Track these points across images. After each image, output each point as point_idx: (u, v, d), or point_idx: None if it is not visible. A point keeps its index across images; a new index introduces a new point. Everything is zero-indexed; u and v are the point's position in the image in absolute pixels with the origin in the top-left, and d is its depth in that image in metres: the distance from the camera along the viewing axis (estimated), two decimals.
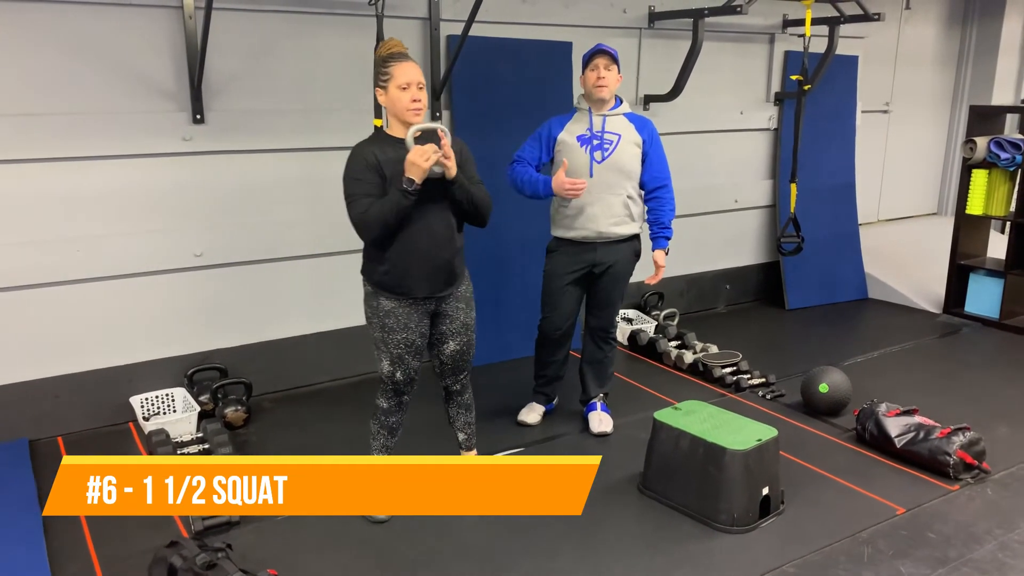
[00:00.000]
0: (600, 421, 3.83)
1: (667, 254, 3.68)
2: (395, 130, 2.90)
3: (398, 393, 3.07)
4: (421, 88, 2.83)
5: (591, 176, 3.55)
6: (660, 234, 3.68)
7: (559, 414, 4.03)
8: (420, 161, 2.71)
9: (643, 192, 3.69)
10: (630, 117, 3.64)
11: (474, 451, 3.38)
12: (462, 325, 3.09)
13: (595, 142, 3.56)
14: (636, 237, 3.72)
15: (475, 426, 3.37)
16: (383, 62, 2.85)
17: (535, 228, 4.08)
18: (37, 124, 3.49)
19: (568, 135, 3.60)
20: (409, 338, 2.97)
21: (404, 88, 2.80)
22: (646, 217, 3.73)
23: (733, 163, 5.80)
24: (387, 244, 2.87)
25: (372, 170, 2.83)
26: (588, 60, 3.56)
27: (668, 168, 3.69)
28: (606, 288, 3.72)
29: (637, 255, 3.75)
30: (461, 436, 3.35)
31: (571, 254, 3.66)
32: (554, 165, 3.65)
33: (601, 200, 3.57)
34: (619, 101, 3.64)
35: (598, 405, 3.89)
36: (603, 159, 3.56)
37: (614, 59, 3.52)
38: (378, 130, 2.98)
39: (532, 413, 3.93)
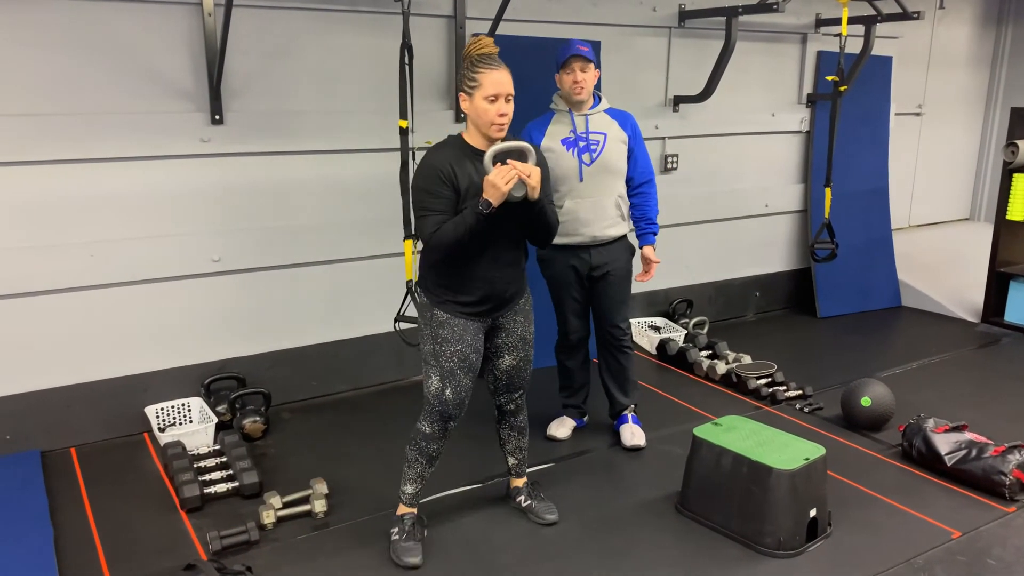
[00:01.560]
0: (632, 434, 3.67)
1: (655, 249, 3.60)
2: (474, 138, 2.67)
3: (444, 418, 2.79)
4: (509, 100, 2.60)
5: (581, 180, 3.41)
6: (648, 230, 3.58)
7: (589, 427, 3.87)
8: (500, 184, 2.49)
9: (628, 188, 3.57)
10: (611, 113, 3.50)
11: (524, 478, 3.17)
12: (519, 339, 2.88)
13: (581, 144, 3.42)
14: (627, 235, 3.60)
15: (527, 451, 3.17)
16: (473, 65, 2.61)
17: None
18: (50, 125, 3.38)
19: (551, 140, 3.44)
20: (463, 351, 2.75)
21: (492, 100, 2.58)
22: (632, 213, 3.60)
23: (764, 166, 5.64)
24: (450, 262, 2.67)
25: (447, 183, 2.59)
26: (563, 62, 3.39)
27: (651, 162, 3.59)
28: (607, 291, 3.57)
29: (632, 253, 3.62)
30: (511, 461, 3.14)
31: (566, 258, 3.52)
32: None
33: (594, 203, 3.44)
34: (598, 99, 3.51)
35: (629, 417, 3.73)
36: (592, 161, 3.41)
37: (590, 59, 3.35)
38: (452, 137, 2.73)
39: (562, 427, 3.77)
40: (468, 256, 2.65)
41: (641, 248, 3.59)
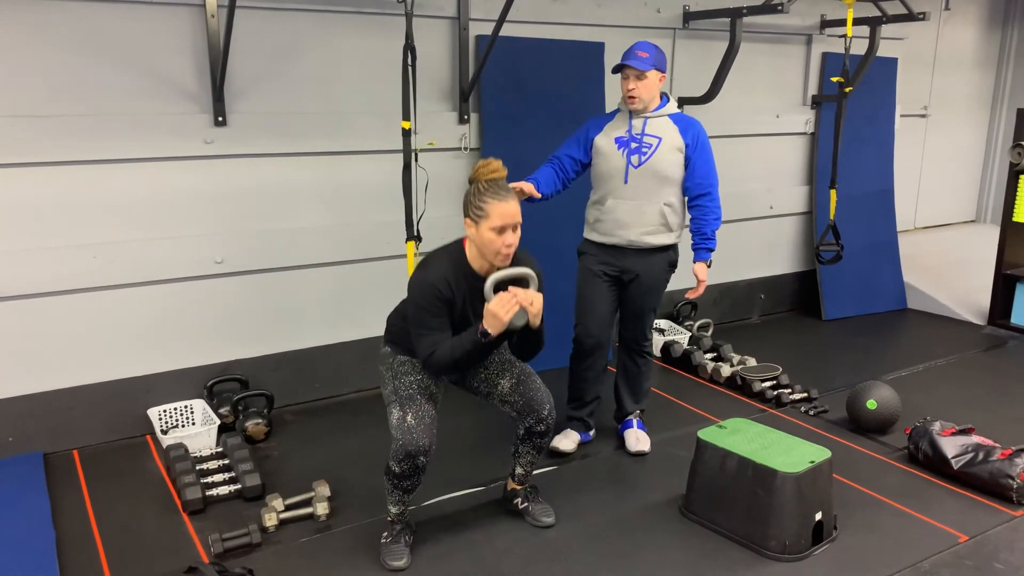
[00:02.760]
0: (637, 439, 3.62)
1: (709, 267, 3.45)
2: (475, 258, 2.64)
3: (410, 454, 2.60)
4: (516, 229, 2.57)
5: (626, 182, 3.36)
6: (702, 245, 3.43)
7: (604, 453, 3.66)
8: (501, 314, 2.47)
9: (685, 199, 3.47)
10: (675, 118, 3.39)
11: (524, 486, 3.12)
12: (499, 363, 2.87)
13: (633, 145, 3.35)
14: (672, 247, 3.49)
15: (536, 465, 3.12)
16: (480, 193, 2.56)
17: (565, 235, 3.91)
18: (53, 126, 3.37)
19: (605, 138, 3.41)
20: (423, 381, 2.74)
21: (499, 231, 2.54)
22: (688, 226, 3.49)
23: (768, 168, 5.62)
24: None
25: (444, 302, 2.60)
26: (618, 68, 3.35)
27: (715, 174, 3.42)
28: (635, 298, 3.51)
29: (672, 266, 3.51)
30: (519, 470, 3.07)
31: (600, 257, 3.48)
32: (593, 168, 3.47)
33: (635, 207, 3.37)
34: (665, 100, 3.40)
35: (634, 422, 3.68)
36: (640, 163, 3.34)
37: (644, 70, 3.26)
38: (454, 248, 2.69)
39: (566, 440, 3.63)
40: None
41: (693, 263, 3.44)
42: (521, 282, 2.58)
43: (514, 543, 2.94)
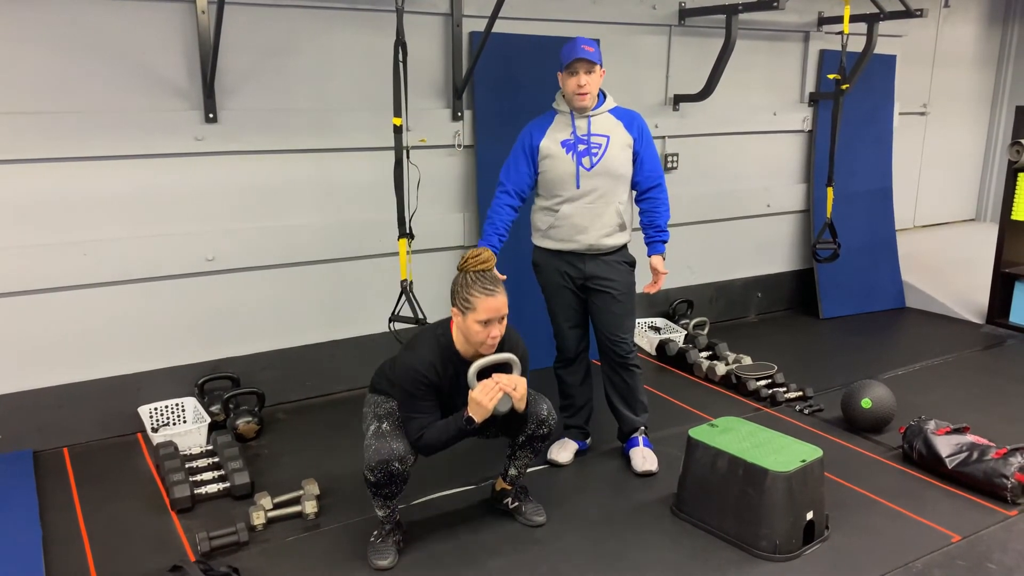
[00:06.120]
0: (644, 458, 3.43)
1: (664, 259, 3.39)
2: (460, 343, 2.67)
3: (383, 462, 2.60)
4: (503, 320, 2.61)
5: (578, 187, 3.24)
6: (657, 238, 3.37)
7: (596, 452, 3.65)
8: (484, 401, 2.55)
9: (634, 193, 3.40)
10: (617, 113, 3.29)
11: (515, 486, 3.08)
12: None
13: (581, 147, 3.22)
14: (625, 246, 3.39)
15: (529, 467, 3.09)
16: (468, 285, 2.58)
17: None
18: (42, 123, 3.36)
19: (551, 141, 3.26)
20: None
21: (484, 324, 2.57)
22: (639, 220, 3.42)
23: (765, 166, 5.59)
24: None
25: (430, 388, 2.64)
26: (566, 65, 3.19)
27: (660, 165, 3.37)
28: (608, 306, 3.36)
29: (632, 265, 3.42)
30: (512, 471, 3.02)
31: (559, 266, 3.36)
32: (540, 176, 3.33)
33: (592, 211, 3.25)
34: (603, 97, 3.31)
35: (640, 440, 3.50)
36: (592, 165, 3.22)
37: (595, 61, 3.18)
38: (441, 331, 2.70)
39: (563, 451, 3.53)
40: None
41: (649, 257, 3.39)
42: (504, 367, 2.62)
43: (502, 541, 2.92)
